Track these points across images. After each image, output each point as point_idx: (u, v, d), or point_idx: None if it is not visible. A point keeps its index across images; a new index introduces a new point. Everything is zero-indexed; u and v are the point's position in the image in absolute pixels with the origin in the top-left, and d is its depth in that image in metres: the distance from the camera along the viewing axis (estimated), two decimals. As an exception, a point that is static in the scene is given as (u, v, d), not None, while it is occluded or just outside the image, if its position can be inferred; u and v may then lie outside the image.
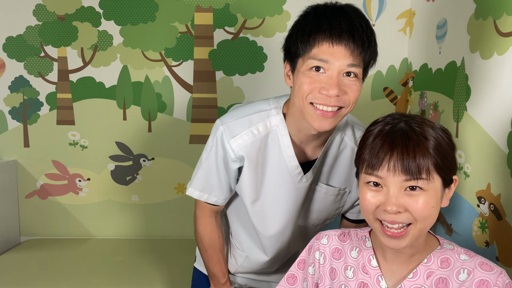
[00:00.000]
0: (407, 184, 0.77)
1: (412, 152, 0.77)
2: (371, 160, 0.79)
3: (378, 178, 0.79)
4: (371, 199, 0.80)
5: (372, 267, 0.88)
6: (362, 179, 0.83)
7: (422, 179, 0.76)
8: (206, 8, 2.09)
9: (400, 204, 0.77)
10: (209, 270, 1.27)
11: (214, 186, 1.16)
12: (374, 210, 0.80)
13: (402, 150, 0.77)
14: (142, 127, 2.17)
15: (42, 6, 2.08)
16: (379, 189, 0.79)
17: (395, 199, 0.77)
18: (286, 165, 1.09)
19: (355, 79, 0.95)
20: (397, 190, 0.77)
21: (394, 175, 0.77)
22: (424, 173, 0.76)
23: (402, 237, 0.78)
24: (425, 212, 0.77)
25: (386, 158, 0.78)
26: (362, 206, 0.83)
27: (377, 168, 0.78)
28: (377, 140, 0.80)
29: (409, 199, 0.77)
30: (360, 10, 0.97)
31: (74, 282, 1.68)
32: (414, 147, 0.77)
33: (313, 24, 0.94)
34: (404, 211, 0.77)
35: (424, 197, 0.77)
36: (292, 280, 0.98)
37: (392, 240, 0.79)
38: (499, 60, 1.25)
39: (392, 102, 2.15)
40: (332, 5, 0.96)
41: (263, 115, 1.09)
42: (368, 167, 0.80)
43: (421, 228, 0.78)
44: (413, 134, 0.79)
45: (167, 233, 2.23)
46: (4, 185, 2.07)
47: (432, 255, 0.84)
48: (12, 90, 2.14)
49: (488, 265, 0.80)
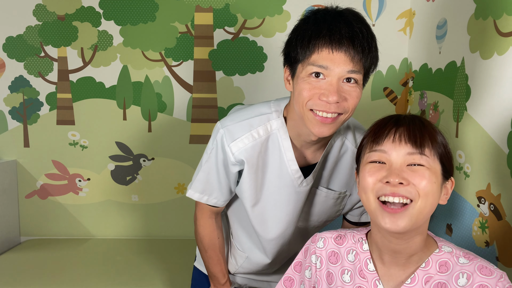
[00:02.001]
0: (410, 158, 0.77)
1: (418, 128, 0.78)
2: (375, 135, 0.80)
3: (381, 153, 0.79)
4: (372, 174, 0.79)
5: (369, 271, 0.87)
6: (365, 160, 0.82)
7: (425, 156, 0.77)
8: (206, 8, 2.09)
9: (403, 176, 0.76)
10: (209, 270, 1.27)
11: (214, 189, 1.16)
12: (375, 186, 0.78)
13: (408, 126, 0.79)
14: (142, 127, 2.17)
15: (42, 6, 2.08)
16: (382, 166, 0.79)
17: (398, 171, 0.77)
18: (286, 169, 1.09)
19: (355, 85, 0.94)
20: (400, 164, 0.77)
21: (399, 146, 0.77)
22: (428, 149, 0.77)
23: (401, 214, 0.76)
24: (428, 187, 0.76)
25: (391, 131, 0.79)
26: (362, 185, 0.81)
27: (381, 142, 0.79)
28: (380, 121, 0.82)
29: (412, 173, 0.77)
30: (360, 15, 0.96)
31: (74, 282, 1.68)
32: (420, 126, 0.79)
33: (312, 30, 0.93)
34: (407, 183, 0.76)
35: (427, 172, 0.77)
36: (289, 282, 0.98)
37: (391, 218, 0.76)
38: (499, 60, 1.25)
39: (392, 102, 2.15)
40: (332, 10, 0.95)
41: (264, 119, 1.08)
42: (372, 143, 0.80)
43: (421, 207, 0.76)
44: (418, 120, 0.81)
45: (167, 233, 2.23)
46: (4, 185, 2.07)
47: (430, 258, 0.83)
48: (12, 90, 2.14)
49: (488, 269, 0.78)
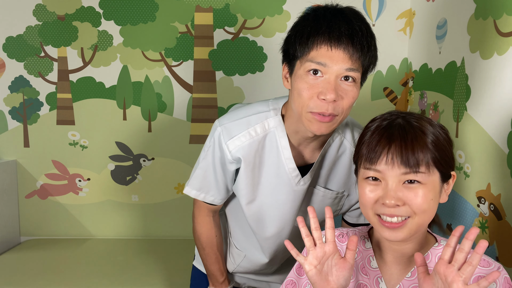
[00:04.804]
0: (405, 177, 0.77)
1: (410, 145, 0.77)
2: (369, 154, 0.79)
3: (376, 172, 0.79)
4: (370, 194, 0.80)
5: (371, 268, 0.87)
6: (361, 174, 0.82)
7: (420, 173, 0.76)
8: (206, 8, 2.09)
9: (398, 198, 0.77)
10: (207, 269, 1.27)
11: (211, 186, 1.16)
12: (373, 204, 0.79)
13: (400, 143, 0.77)
14: (142, 127, 2.17)
15: (42, 6, 2.08)
16: (377, 183, 0.79)
17: (393, 192, 0.77)
18: (283, 167, 1.09)
19: (353, 83, 0.94)
20: (396, 184, 0.77)
21: (392, 168, 0.77)
22: (423, 166, 0.76)
23: (400, 228, 0.78)
24: (424, 205, 0.77)
25: (384, 151, 0.77)
26: (361, 201, 0.82)
27: (375, 162, 0.78)
28: (374, 135, 0.80)
29: (407, 192, 0.77)
30: (360, 14, 0.96)
31: (74, 282, 1.68)
32: (412, 141, 0.77)
33: (312, 27, 0.92)
34: (402, 204, 0.77)
35: (423, 190, 0.77)
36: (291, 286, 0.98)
37: (391, 231, 0.78)
38: (499, 60, 1.25)
39: (392, 102, 2.15)
40: (332, 8, 0.95)
41: (262, 117, 1.08)
42: (366, 162, 0.80)
43: (419, 221, 0.78)
44: (410, 129, 0.79)
45: (167, 233, 2.23)
46: (4, 185, 2.07)
47: (429, 252, 0.84)
48: (12, 90, 2.14)
49: (485, 261, 0.80)
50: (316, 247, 0.81)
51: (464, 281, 0.67)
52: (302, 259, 0.82)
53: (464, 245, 0.68)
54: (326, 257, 0.81)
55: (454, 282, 0.68)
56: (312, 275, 0.81)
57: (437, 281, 0.70)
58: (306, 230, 0.83)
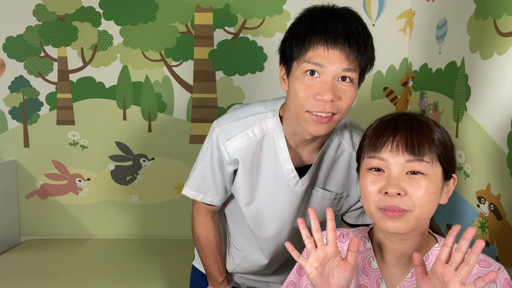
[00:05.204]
0: (409, 166, 0.77)
1: (416, 135, 0.77)
2: (373, 142, 0.79)
3: (380, 161, 0.78)
4: (372, 185, 0.79)
5: (372, 269, 0.87)
6: (364, 165, 0.82)
7: (425, 162, 0.76)
8: (206, 8, 2.09)
9: (401, 187, 0.76)
10: (207, 269, 1.27)
11: (210, 187, 1.16)
12: (376, 196, 0.79)
13: (406, 133, 0.78)
14: (142, 127, 2.17)
15: (42, 6, 2.08)
16: (380, 174, 0.79)
17: (396, 181, 0.76)
18: (281, 168, 1.08)
19: (350, 84, 0.93)
20: (399, 172, 0.77)
21: (397, 155, 0.77)
22: (427, 156, 0.76)
23: (400, 218, 0.77)
24: (424, 197, 0.76)
25: (389, 139, 0.78)
26: (363, 194, 0.82)
27: (379, 150, 0.78)
28: (379, 127, 0.81)
29: (410, 182, 0.77)
30: (357, 14, 0.95)
31: (74, 282, 1.68)
32: (418, 131, 0.78)
33: (308, 27, 0.92)
34: (404, 194, 0.76)
35: (425, 182, 0.76)
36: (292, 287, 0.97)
37: (392, 221, 0.77)
38: (499, 60, 1.25)
39: (392, 102, 2.15)
40: (329, 8, 0.95)
41: (260, 118, 1.08)
42: (370, 150, 0.80)
43: (419, 215, 0.77)
44: (416, 122, 0.79)
45: (167, 233, 2.23)
46: (4, 185, 2.07)
47: (430, 253, 0.84)
48: (12, 90, 2.14)
49: (486, 261, 0.80)
50: (317, 249, 0.80)
51: (461, 281, 0.67)
52: (303, 261, 0.81)
53: (461, 245, 0.68)
54: (328, 259, 0.80)
55: (451, 282, 0.67)
56: (313, 277, 0.80)
57: (435, 281, 0.70)
58: (307, 232, 0.83)
